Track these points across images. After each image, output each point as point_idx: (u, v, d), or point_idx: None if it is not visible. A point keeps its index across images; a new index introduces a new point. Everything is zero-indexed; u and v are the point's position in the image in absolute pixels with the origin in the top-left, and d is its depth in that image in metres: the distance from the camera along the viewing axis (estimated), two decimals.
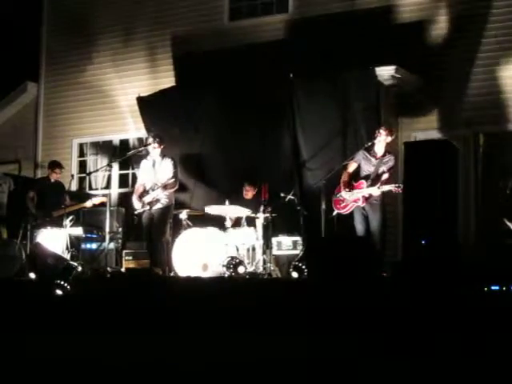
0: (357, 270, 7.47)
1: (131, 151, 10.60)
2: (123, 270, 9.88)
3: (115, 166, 12.44)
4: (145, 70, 12.86)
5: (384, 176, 8.81)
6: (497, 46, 10.50)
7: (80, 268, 9.00)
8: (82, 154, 13.54)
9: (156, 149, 9.37)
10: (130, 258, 10.00)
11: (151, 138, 9.41)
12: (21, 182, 12.03)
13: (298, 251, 9.42)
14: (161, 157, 9.41)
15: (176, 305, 7.45)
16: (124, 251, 10.17)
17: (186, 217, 9.81)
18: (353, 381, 4.69)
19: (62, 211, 9.85)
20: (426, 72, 10.56)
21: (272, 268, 9.31)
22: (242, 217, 9.50)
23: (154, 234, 9.21)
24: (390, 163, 8.95)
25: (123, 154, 11.18)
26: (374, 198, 8.83)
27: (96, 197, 10.55)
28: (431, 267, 7.22)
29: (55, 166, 10.54)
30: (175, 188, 9.39)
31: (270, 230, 9.39)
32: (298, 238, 9.61)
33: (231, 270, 8.85)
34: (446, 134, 10.50)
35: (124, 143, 12.94)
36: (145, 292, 7.87)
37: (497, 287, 6.97)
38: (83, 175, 12.82)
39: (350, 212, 8.96)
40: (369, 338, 6.17)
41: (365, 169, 9.01)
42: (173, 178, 9.28)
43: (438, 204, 8.00)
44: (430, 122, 10.72)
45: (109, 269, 9.41)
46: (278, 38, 11.76)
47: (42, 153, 13.74)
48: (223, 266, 8.94)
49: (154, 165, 9.41)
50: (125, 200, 11.91)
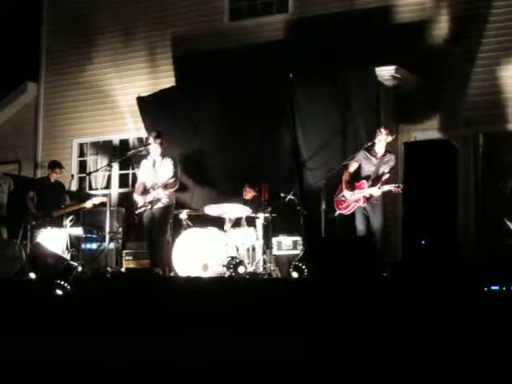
0: (357, 270, 7.46)
1: (131, 151, 10.58)
2: (123, 269, 9.86)
3: (115, 166, 12.45)
4: (145, 69, 12.87)
5: (385, 176, 8.81)
6: (497, 45, 10.50)
7: (80, 268, 8.99)
8: (82, 153, 13.54)
9: (157, 149, 9.37)
10: (130, 257, 9.98)
11: (152, 138, 9.41)
12: (21, 182, 12.01)
13: (298, 251, 9.42)
14: (161, 156, 9.40)
15: (176, 305, 7.45)
16: (124, 251, 10.15)
17: (186, 217, 9.82)
18: (353, 381, 4.69)
19: (62, 211, 9.85)
20: (426, 72, 10.56)
21: (272, 268, 9.32)
22: (241, 217, 9.50)
23: (155, 234, 9.21)
24: (391, 163, 8.94)
25: (123, 154, 11.16)
26: (375, 198, 8.83)
27: (96, 197, 10.54)
28: (431, 267, 7.23)
29: (55, 165, 10.54)
30: (175, 187, 9.38)
31: (270, 230, 9.39)
32: (298, 238, 9.61)
33: (231, 270, 8.85)
34: (445, 134, 10.50)
35: (124, 143, 12.94)
36: (145, 292, 7.86)
37: (497, 287, 6.97)
38: (83, 175, 12.83)
39: (352, 212, 8.97)
40: (369, 338, 6.17)
41: (365, 169, 9.00)
42: (173, 178, 9.27)
43: (438, 204, 8.01)
44: (429, 121, 10.72)
45: (109, 269, 9.41)
46: (278, 38, 11.76)
47: (42, 153, 13.75)
48: (223, 265, 8.95)
49: (154, 164, 9.40)
50: (125, 200, 11.93)
